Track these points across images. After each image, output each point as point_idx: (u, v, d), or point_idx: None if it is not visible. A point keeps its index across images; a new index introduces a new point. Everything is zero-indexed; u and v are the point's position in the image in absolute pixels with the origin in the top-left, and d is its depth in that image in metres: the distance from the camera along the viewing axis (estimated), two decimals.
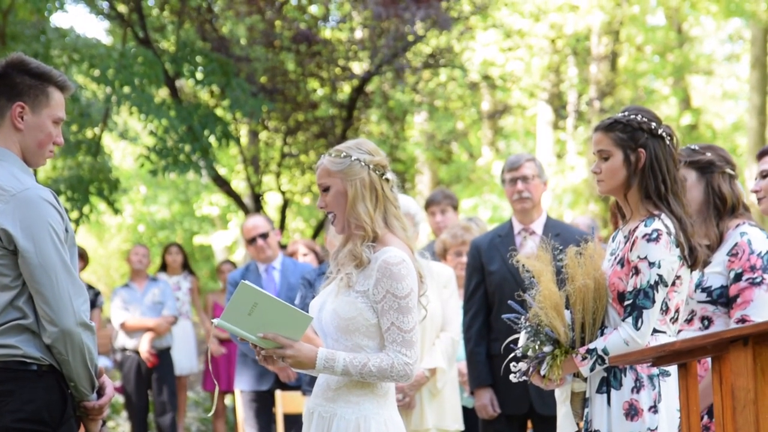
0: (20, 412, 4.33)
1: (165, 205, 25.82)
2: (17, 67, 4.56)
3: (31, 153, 4.57)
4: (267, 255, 9.32)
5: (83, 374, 4.42)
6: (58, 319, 4.33)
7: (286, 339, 4.51)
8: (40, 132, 4.56)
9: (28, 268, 4.34)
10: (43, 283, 4.34)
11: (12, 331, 4.36)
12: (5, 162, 4.49)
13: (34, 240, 4.34)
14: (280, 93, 15.58)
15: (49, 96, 4.57)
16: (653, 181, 4.86)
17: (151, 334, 12.14)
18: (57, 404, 4.41)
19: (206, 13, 15.16)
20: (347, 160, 4.64)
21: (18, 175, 4.47)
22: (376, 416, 4.57)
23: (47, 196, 4.43)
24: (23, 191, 4.40)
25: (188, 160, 14.28)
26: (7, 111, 4.53)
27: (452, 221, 9.22)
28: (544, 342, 4.87)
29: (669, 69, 23.61)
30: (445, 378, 7.38)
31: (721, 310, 5.17)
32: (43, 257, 4.34)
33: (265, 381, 9.11)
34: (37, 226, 4.36)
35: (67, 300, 4.35)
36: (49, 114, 4.57)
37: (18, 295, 4.38)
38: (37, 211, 4.37)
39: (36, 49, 12.75)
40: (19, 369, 4.36)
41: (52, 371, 4.41)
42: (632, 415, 4.75)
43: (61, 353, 4.36)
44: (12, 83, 4.53)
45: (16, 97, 4.52)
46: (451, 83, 18.97)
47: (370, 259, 4.56)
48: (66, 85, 4.64)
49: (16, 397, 4.34)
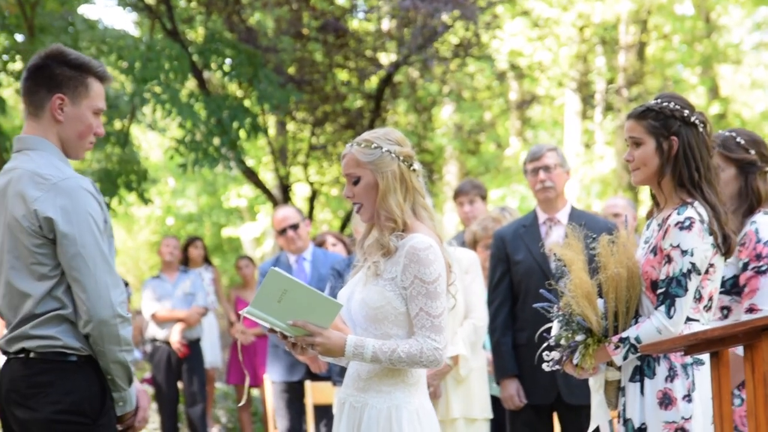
0: (60, 404, 4.33)
1: (193, 198, 25.87)
2: (56, 58, 4.55)
3: (72, 145, 4.57)
4: (297, 246, 9.32)
5: (119, 367, 4.41)
6: (94, 309, 4.32)
7: (316, 326, 4.50)
8: (80, 123, 4.56)
9: (67, 255, 4.33)
10: (81, 271, 4.33)
11: (52, 322, 4.36)
12: (45, 152, 4.49)
13: (74, 228, 4.33)
14: (307, 84, 15.58)
15: (88, 87, 4.57)
16: (686, 169, 4.83)
17: (182, 324, 12.18)
18: (97, 396, 4.41)
19: (234, 4, 15.16)
20: (378, 151, 4.61)
21: (57, 164, 4.47)
22: (407, 405, 4.55)
23: (87, 185, 4.44)
24: (64, 180, 4.40)
25: (217, 154, 14.30)
26: (47, 102, 4.53)
27: (480, 211, 9.20)
28: (577, 331, 4.85)
29: (697, 58, 23.48)
30: (469, 365, 7.35)
31: (736, 299, 5.20)
32: (83, 245, 4.33)
33: (296, 372, 9.13)
34: (77, 214, 4.35)
35: (104, 290, 4.34)
36: (89, 105, 4.57)
37: (57, 284, 4.37)
38: (77, 200, 4.37)
39: (64, 41, 12.77)
40: (58, 360, 4.35)
41: (90, 362, 4.40)
42: (666, 404, 4.73)
43: (96, 344, 4.36)
44: (51, 74, 4.53)
45: (56, 89, 4.52)
46: (478, 73, 18.93)
47: (397, 247, 4.55)
48: (105, 76, 4.63)
49: (56, 388, 4.34)
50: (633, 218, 9.30)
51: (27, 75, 4.59)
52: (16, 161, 4.51)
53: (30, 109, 4.56)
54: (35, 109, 4.55)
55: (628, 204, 9.61)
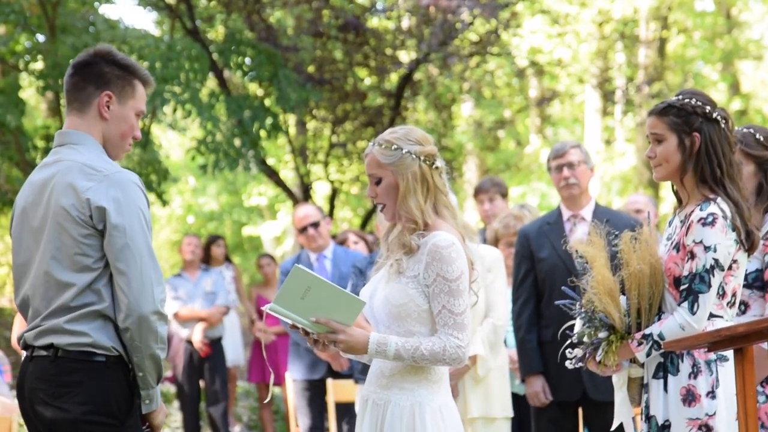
0: (90, 404, 4.33)
1: (214, 196, 25.91)
2: (105, 57, 4.58)
3: (113, 144, 4.58)
4: (318, 244, 9.32)
5: (152, 363, 4.41)
6: (136, 303, 4.32)
7: (339, 324, 4.51)
8: (123, 123, 4.58)
9: (116, 246, 4.33)
10: (128, 263, 4.33)
11: (86, 318, 4.36)
12: (91, 146, 4.51)
13: (125, 219, 4.34)
14: (327, 83, 15.60)
15: (135, 88, 4.59)
16: (709, 166, 4.82)
17: (204, 323, 12.21)
18: (125, 397, 4.41)
19: (254, 3, 15.19)
20: (398, 152, 4.61)
21: (106, 158, 4.50)
22: (430, 402, 4.56)
23: (137, 180, 4.46)
24: (115, 173, 4.41)
25: (238, 155, 14.32)
26: (94, 99, 4.54)
27: (500, 209, 9.19)
28: (599, 328, 4.84)
29: (718, 54, 23.43)
30: (487, 365, 7.33)
31: (756, 294, 5.18)
32: (132, 237, 4.34)
33: (317, 370, 9.13)
34: (128, 206, 4.37)
35: (148, 285, 4.34)
36: (134, 106, 4.60)
37: (98, 277, 4.38)
38: (128, 192, 4.39)
39: (86, 41, 12.81)
40: (86, 360, 4.36)
41: (120, 362, 4.40)
42: (690, 401, 4.71)
43: (133, 339, 4.35)
44: (100, 72, 4.55)
45: (105, 86, 4.54)
46: (498, 71, 18.91)
47: (419, 245, 4.55)
48: (149, 81, 4.66)
49: (85, 388, 4.34)
50: (654, 215, 9.28)
51: (73, 71, 4.59)
52: (61, 154, 4.51)
53: (75, 105, 4.57)
54: (81, 105, 4.56)
55: (649, 201, 9.59)
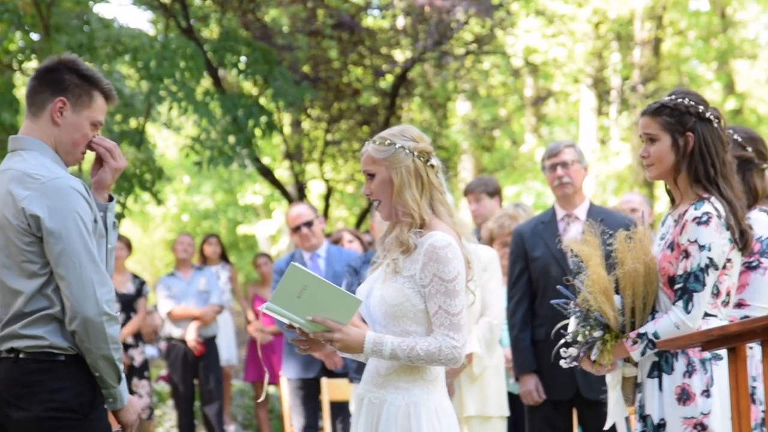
0: (51, 402, 4.39)
1: (208, 195, 25.90)
2: (68, 65, 4.61)
3: (65, 150, 4.61)
4: (312, 243, 9.32)
5: (106, 363, 4.45)
6: (79, 306, 4.36)
7: (335, 322, 4.51)
8: (76, 131, 4.60)
9: (53, 252, 4.38)
10: (67, 267, 4.37)
11: (40, 322, 4.42)
12: (36, 152, 4.55)
13: (60, 225, 4.37)
14: (322, 82, 15.60)
15: (92, 98, 4.61)
16: (702, 165, 4.84)
17: (198, 322, 12.20)
18: (85, 392, 4.46)
19: (249, 2, 15.18)
20: (391, 147, 4.62)
21: (48, 165, 4.52)
22: (426, 402, 4.56)
23: (77, 186, 4.47)
24: (53, 179, 4.44)
25: (232, 152, 14.32)
26: (48, 104, 4.57)
27: (488, 209, 9.19)
28: (594, 327, 4.85)
29: (713, 54, 23.42)
30: (483, 363, 7.35)
31: None
32: (68, 243, 4.37)
33: (311, 369, 9.13)
34: (64, 212, 4.39)
35: (90, 287, 4.38)
36: (89, 115, 4.61)
37: (46, 283, 4.43)
38: (65, 198, 4.41)
39: (80, 40, 12.81)
40: (47, 360, 4.42)
41: (79, 360, 4.45)
42: (684, 400, 4.72)
43: (82, 341, 4.40)
44: (60, 79, 4.58)
45: (60, 92, 4.57)
46: (493, 70, 18.91)
47: (417, 245, 4.55)
48: (111, 95, 4.68)
49: (45, 387, 4.40)
50: (648, 215, 9.29)
51: (36, 75, 4.64)
52: (9, 162, 4.57)
53: (32, 109, 4.62)
54: (36, 109, 4.60)
55: (644, 200, 9.59)
